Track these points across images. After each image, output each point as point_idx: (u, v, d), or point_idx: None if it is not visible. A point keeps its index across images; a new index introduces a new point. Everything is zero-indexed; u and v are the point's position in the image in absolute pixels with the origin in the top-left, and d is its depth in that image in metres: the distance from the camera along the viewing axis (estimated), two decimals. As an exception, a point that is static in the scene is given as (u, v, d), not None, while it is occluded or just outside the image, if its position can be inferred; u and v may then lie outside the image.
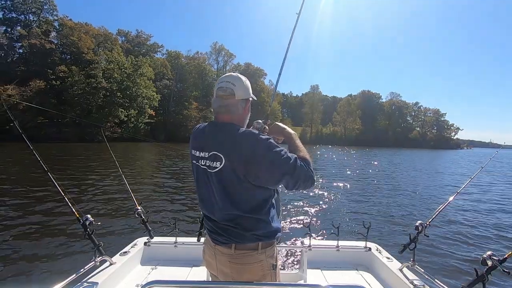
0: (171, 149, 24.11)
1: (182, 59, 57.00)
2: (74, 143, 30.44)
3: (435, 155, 41.75)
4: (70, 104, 35.90)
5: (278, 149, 1.12)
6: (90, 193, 7.72)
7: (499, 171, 19.60)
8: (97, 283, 1.74)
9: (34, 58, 37.26)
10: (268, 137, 1.14)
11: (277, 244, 1.27)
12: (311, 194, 8.64)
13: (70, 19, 43.14)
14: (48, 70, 35.85)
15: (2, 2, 40.06)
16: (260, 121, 1.39)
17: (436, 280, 1.80)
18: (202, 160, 1.20)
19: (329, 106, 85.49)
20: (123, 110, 40.06)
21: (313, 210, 6.95)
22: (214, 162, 1.15)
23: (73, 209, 1.91)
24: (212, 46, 63.88)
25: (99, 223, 1.95)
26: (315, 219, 6.12)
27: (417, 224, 2.00)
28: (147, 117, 43.89)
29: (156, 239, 2.48)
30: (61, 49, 39.95)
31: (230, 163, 1.11)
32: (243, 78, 1.27)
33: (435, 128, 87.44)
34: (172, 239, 2.48)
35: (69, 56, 39.75)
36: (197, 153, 1.23)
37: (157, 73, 48.33)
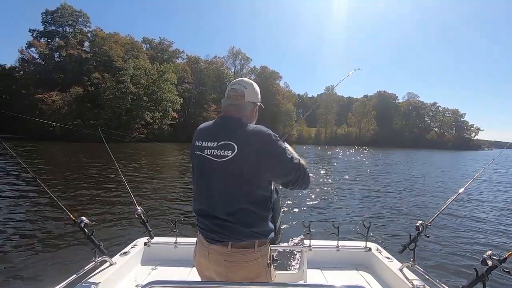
0: (173, 149, 25.20)
1: (201, 63, 59.86)
2: (106, 143, 32.33)
3: (450, 156, 41.52)
4: (103, 107, 39.56)
5: (286, 147, 1.22)
6: (90, 193, 7.81)
7: (503, 171, 19.65)
8: (97, 283, 1.76)
9: (72, 66, 41.39)
10: (277, 135, 1.21)
11: (271, 244, 1.31)
12: (311, 194, 8.78)
13: (101, 30, 47.32)
14: (84, 77, 39.79)
15: (43, 17, 44.81)
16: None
17: (436, 280, 1.81)
18: (209, 150, 1.20)
19: (344, 107, 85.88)
20: (148, 113, 43.49)
21: (313, 210, 7.02)
22: (225, 151, 1.15)
23: (68, 212, 1.93)
24: (230, 50, 66.51)
25: (93, 223, 2.00)
26: (315, 219, 6.12)
27: (417, 224, 2.01)
28: (170, 119, 47.17)
29: (156, 239, 2.50)
30: (94, 57, 43.94)
31: (243, 152, 1.13)
32: (254, 84, 1.35)
33: (454, 128, 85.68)
34: (172, 239, 2.50)
35: (101, 64, 43.59)
36: (203, 143, 1.23)
37: (178, 77, 51.36)
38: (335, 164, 21.26)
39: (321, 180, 12.15)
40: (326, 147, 49.63)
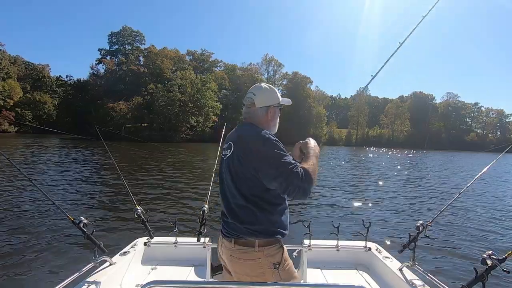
0: (174, 150, 25.47)
1: (237, 70, 65.03)
2: (157, 142, 36.67)
3: (478, 158, 37.07)
4: (156, 113, 46.69)
5: (281, 152, 1.20)
6: (90, 194, 7.85)
7: (502, 172, 18.95)
8: (97, 283, 1.77)
9: (132, 79, 49.32)
10: (276, 139, 1.25)
11: (283, 244, 1.31)
12: (311, 193, 9.44)
13: (154, 46, 55.02)
14: (142, 88, 47.22)
15: (109, 38, 53.79)
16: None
17: (436, 279, 1.81)
18: (224, 151, 1.39)
19: (378, 108, 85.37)
20: (193, 117, 49.90)
21: (313, 210, 7.06)
22: (228, 150, 1.33)
23: (66, 213, 1.96)
24: (263, 57, 70.91)
25: (93, 222, 1.86)
26: (315, 219, 6.11)
27: (418, 224, 2.02)
28: (211, 122, 53.07)
29: (156, 239, 2.51)
30: (149, 71, 51.51)
31: (236, 151, 1.27)
32: (265, 87, 1.41)
33: (499, 130, 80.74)
34: (172, 239, 2.52)
35: (154, 76, 50.95)
36: (224, 146, 1.42)
37: (217, 84, 57.27)
38: (334, 164, 21.32)
39: (321, 180, 12.16)
40: (354, 148, 50.91)
